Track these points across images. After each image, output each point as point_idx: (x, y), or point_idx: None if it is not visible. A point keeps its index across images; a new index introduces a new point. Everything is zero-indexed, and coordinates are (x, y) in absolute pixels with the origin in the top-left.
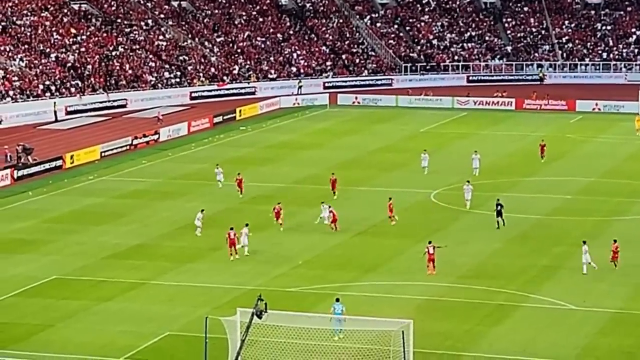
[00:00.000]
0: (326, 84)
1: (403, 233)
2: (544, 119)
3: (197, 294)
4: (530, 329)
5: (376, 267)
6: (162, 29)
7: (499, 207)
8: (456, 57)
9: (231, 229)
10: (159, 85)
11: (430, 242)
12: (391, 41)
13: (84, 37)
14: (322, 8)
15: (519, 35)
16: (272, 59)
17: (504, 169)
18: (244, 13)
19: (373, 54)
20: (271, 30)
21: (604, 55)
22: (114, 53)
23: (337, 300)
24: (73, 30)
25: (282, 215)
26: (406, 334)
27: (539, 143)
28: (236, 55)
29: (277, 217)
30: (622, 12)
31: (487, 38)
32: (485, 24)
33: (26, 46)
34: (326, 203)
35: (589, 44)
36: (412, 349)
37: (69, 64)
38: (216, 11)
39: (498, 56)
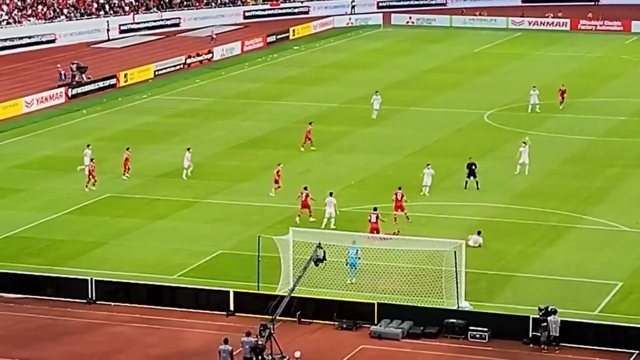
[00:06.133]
0: (380, 4)
1: (456, 153)
2: (599, 39)
3: (249, 213)
4: (583, 250)
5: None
6: None
7: (473, 167)
8: None
9: (305, 188)
10: (212, 4)
11: (375, 209)
12: None
13: None
14: None
15: None
16: None
17: (558, 90)
18: None
19: None
20: None
21: None
22: None
23: (354, 242)
24: None
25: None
26: (458, 254)
27: (558, 88)
28: None
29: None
30: None
31: None
32: None
33: None
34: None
35: None
36: (464, 269)
37: None
38: None
39: None
